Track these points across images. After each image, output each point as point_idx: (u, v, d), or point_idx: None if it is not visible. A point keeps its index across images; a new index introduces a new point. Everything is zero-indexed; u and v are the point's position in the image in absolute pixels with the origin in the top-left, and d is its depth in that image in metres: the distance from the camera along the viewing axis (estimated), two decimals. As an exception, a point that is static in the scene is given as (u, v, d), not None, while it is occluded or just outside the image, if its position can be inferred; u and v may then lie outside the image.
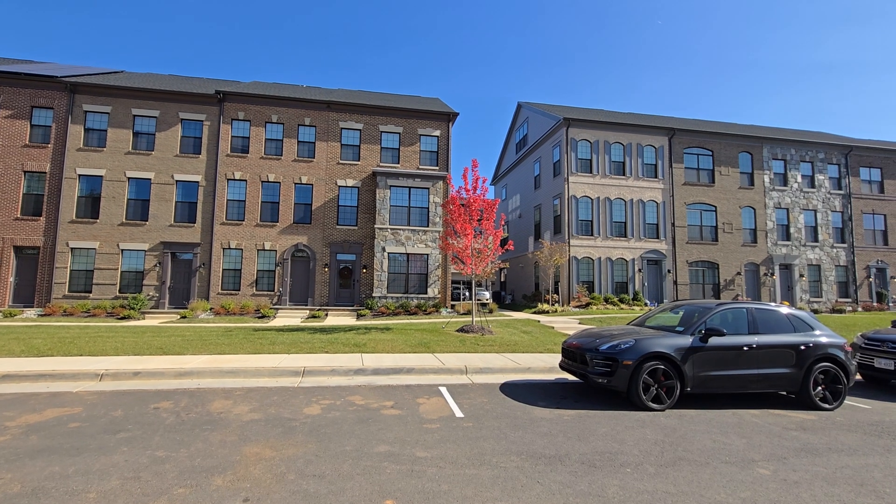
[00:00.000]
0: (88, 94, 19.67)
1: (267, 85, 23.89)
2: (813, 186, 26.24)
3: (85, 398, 6.20)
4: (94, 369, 7.33)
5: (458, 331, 13.04)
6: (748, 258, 24.86)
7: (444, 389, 7.20)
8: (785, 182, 25.94)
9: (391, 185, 20.95)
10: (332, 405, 6.13)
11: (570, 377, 8.25)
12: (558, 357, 9.80)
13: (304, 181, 21.00)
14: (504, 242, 13.13)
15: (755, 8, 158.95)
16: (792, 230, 25.59)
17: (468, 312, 19.57)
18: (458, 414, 5.87)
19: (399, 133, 22.06)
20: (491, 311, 20.07)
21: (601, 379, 6.43)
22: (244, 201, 20.47)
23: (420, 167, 22.00)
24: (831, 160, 26.68)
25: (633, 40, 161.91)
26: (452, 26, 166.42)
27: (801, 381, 6.71)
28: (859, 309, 24.96)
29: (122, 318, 17.02)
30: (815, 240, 25.90)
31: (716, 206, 24.85)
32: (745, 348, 6.61)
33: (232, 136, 20.70)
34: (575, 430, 5.31)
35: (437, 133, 22.39)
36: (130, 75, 23.37)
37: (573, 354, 7.13)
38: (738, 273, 24.56)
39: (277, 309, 19.34)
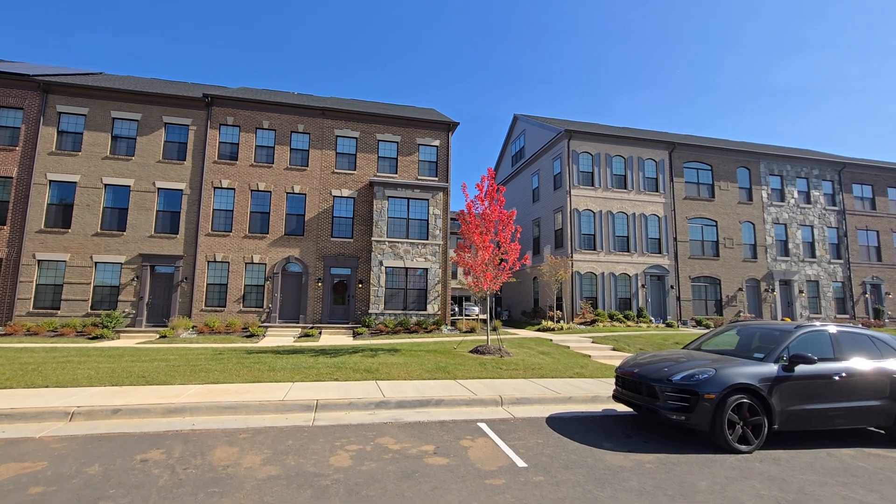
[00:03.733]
0: (63, 94, 18.24)
1: (257, 91, 22.79)
2: (809, 202, 26.30)
3: (51, 447, 4.95)
4: (62, 406, 6.06)
5: (472, 352, 12.00)
6: (749, 274, 24.58)
7: (485, 426, 6.16)
8: (782, 198, 25.93)
9: (389, 196, 19.96)
10: (363, 452, 5.03)
11: (620, 408, 7.32)
12: (592, 382, 8.90)
13: (296, 190, 19.82)
14: (521, 256, 12.23)
15: (714, 35, 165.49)
16: (790, 245, 25.50)
17: (471, 330, 18.54)
18: (520, 463, 4.84)
19: (397, 142, 21.17)
20: (495, 329, 19.06)
21: (677, 415, 5.50)
22: (232, 211, 19.15)
23: (419, 178, 21.09)
24: (825, 176, 26.85)
25: (602, 61, 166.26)
26: (439, 41, 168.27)
27: (894, 415, 5.91)
28: (859, 325, 24.82)
29: (95, 339, 15.40)
30: (813, 255, 25.85)
31: (716, 221, 24.59)
32: (836, 377, 5.78)
33: (220, 142, 19.45)
34: (671, 485, 4.35)
35: (437, 143, 21.58)
36: (110, 77, 21.98)
37: (635, 385, 6.20)
38: (740, 289, 24.21)
39: (267, 327, 17.95)
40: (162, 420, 6.01)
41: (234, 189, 19.26)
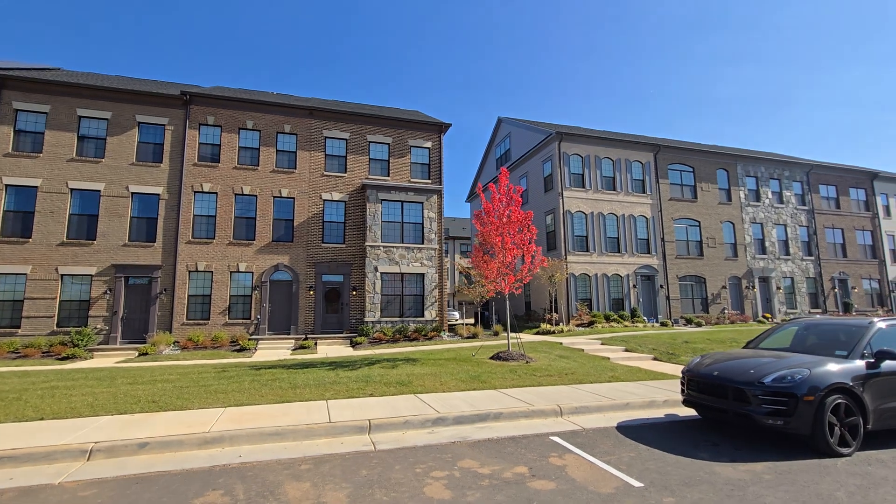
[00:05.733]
0: (21, 90, 16.53)
1: (237, 90, 21.54)
2: (782, 202, 27.46)
3: (80, 496, 4.07)
4: (76, 443, 5.10)
5: (493, 359, 11.49)
6: (731, 272, 25.32)
7: (560, 440, 5.68)
8: (758, 198, 26.94)
9: (383, 199, 19.23)
10: (454, 479, 4.42)
11: (682, 413, 7.01)
12: (636, 386, 8.58)
13: (284, 194, 18.77)
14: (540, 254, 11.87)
15: (666, 48, 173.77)
16: (767, 244, 26.48)
17: (473, 336, 18.05)
18: (634, 482, 4.37)
19: (388, 144, 20.49)
20: (497, 334, 18.67)
21: (773, 420, 5.18)
22: (214, 217, 17.88)
23: (411, 180, 20.47)
24: (795, 178, 28.14)
25: (568, 71, 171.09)
26: (414, 46, 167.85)
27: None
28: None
29: (65, 359, 13.86)
30: (787, 253, 26.96)
31: (699, 221, 25.22)
32: (921, 372, 5.65)
33: (200, 143, 18.17)
34: (810, 498, 4.00)
35: (429, 144, 21.05)
36: (71, 73, 20.17)
37: (715, 388, 5.87)
38: (724, 287, 24.89)
39: (257, 339, 16.79)
40: (201, 453, 5.17)
41: (216, 193, 18.00)
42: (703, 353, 7.22)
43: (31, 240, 15.87)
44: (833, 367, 5.39)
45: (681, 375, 6.65)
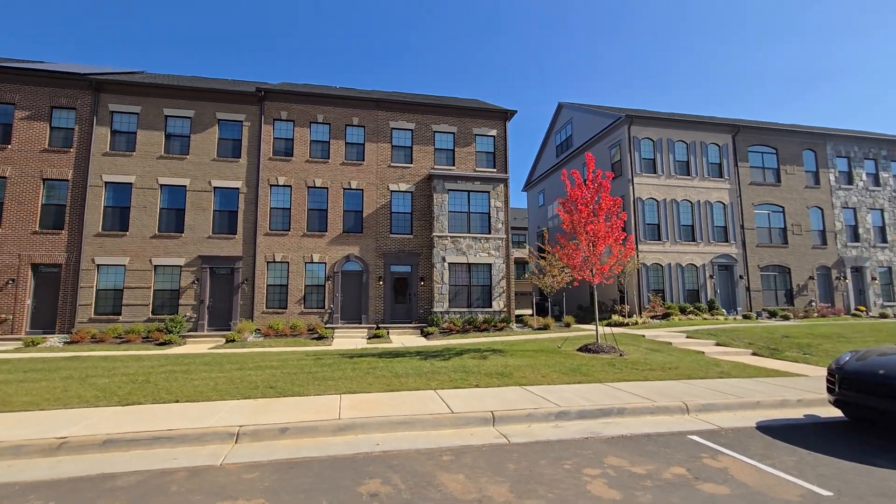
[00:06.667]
0: (115, 92, 17.66)
1: (304, 85, 22.04)
2: (878, 185, 24.95)
3: (245, 478, 4.18)
4: (221, 426, 5.30)
5: (581, 351, 11.13)
6: (819, 261, 23.34)
7: (703, 440, 5.30)
8: (850, 180, 24.62)
9: (449, 189, 19.12)
10: (612, 478, 4.18)
11: (823, 413, 6.42)
12: (752, 383, 7.96)
13: (353, 186, 19.07)
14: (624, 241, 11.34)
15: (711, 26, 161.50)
16: (860, 231, 24.19)
17: (544, 328, 17.68)
18: (820, 490, 3.95)
19: (453, 133, 20.31)
20: (568, 325, 18.21)
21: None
22: (289, 209, 18.46)
23: (477, 169, 20.23)
24: (894, 157, 25.45)
25: (635, 56, 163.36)
26: (467, 34, 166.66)
27: None
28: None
29: (163, 344, 14.81)
30: (884, 240, 24.52)
31: (783, 207, 23.38)
32: None
33: (274, 138, 18.76)
34: None
35: (494, 132, 20.68)
36: (155, 76, 21.36)
37: (884, 388, 5.27)
38: (811, 277, 23.01)
39: (332, 328, 17.24)
40: (337, 440, 5.22)
41: (290, 186, 18.56)
42: (853, 350, 6.54)
43: (127, 233, 17.02)
44: None
45: (827, 373, 6.06)
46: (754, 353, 12.04)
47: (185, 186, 17.68)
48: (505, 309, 19.08)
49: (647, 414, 6.30)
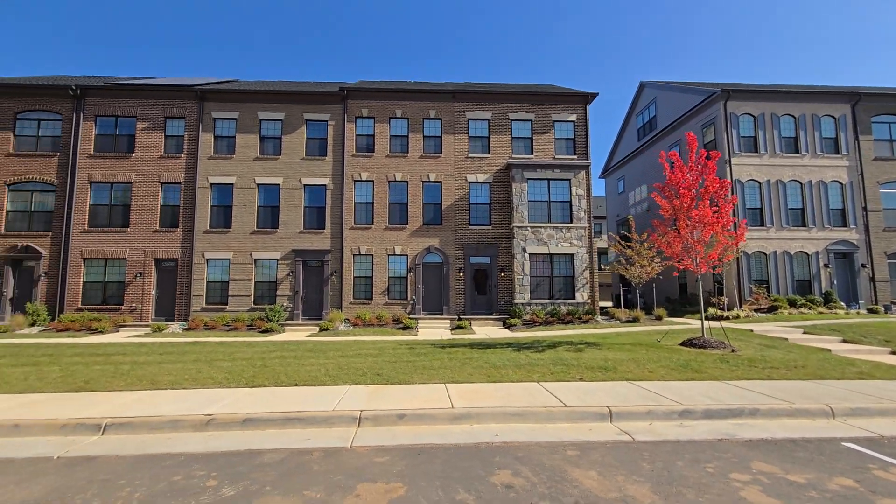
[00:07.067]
0: (216, 100, 19.24)
1: (381, 82, 22.61)
2: None
3: (376, 461, 4.33)
4: (344, 409, 5.56)
5: (684, 345, 10.41)
6: (966, 247, 19.92)
7: (863, 449, 4.69)
8: None
9: (528, 178, 18.71)
10: (767, 486, 3.80)
11: None
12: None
13: (431, 178, 19.30)
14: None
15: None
16: None
17: (633, 320, 16.81)
18: None
19: (531, 120, 19.80)
20: (659, 318, 17.17)
21: None
22: (372, 203, 19.11)
23: (556, 157, 19.59)
24: None
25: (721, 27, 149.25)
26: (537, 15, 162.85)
27: None
28: None
29: (265, 332, 16.02)
30: None
31: (918, 185, 20.20)
32: None
33: (356, 135, 19.46)
34: None
35: (573, 118, 19.88)
36: (246, 83, 22.98)
37: None
38: (956, 265, 19.72)
39: (416, 319, 17.63)
40: (455, 428, 5.27)
41: (372, 181, 19.18)
42: None
43: (230, 230, 18.56)
44: None
45: None
46: (893, 352, 10.53)
47: (279, 185, 18.90)
48: (589, 300, 18.39)
49: (784, 416, 5.70)
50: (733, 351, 9.62)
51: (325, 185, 19.02)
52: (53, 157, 18.42)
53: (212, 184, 18.79)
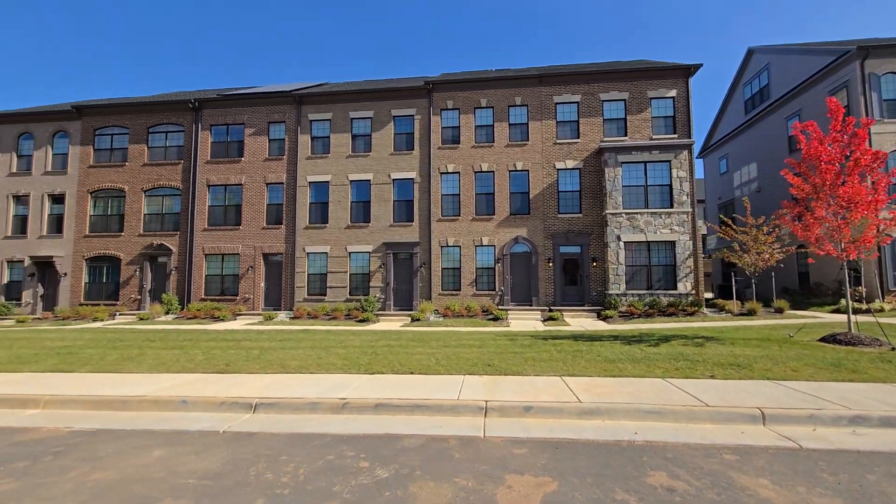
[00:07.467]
0: (312, 103, 20.39)
1: (464, 73, 22.55)
2: None
3: (514, 452, 4.23)
4: (469, 399, 5.57)
5: (824, 341, 9.17)
6: None
7: None
8: None
9: (622, 162, 17.62)
10: None
11: None
12: None
13: (518, 167, 18.91)
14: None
15: None
16: None
17: (748, 313, 15.28)
18: None
19: (624, 100, 18.60)
20: (780, 311, 15.41)
21: None
22: (458, 195, 19.19)
23: (653, 137, 18.24)
24: None
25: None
26: None
27: None
28: None
29: (362, 321, 16.81)
30: None
31: None
32: None
33: (442, 128, 19.62)
34: None
35: (672, 93, 18.34)
36: (337, 85, 24.13)
37: None
38: None
39: (506, 310, 17.48)
40: (585, 423, 5.04)
41: (458, 172, 19.25)
42: None
43: (327, 225, 19.67)
44: None
45: None
46: None
47: (370, 180, 19.64)
48: (693, 291, 16.98)
49: None
50: (893, 349, 8.27)
51: (412, 179, 19.43)
52: (178, 164, 20.74)
53: (310, 182, 20.01)
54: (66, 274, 20.73)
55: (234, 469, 3.97)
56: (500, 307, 18.02)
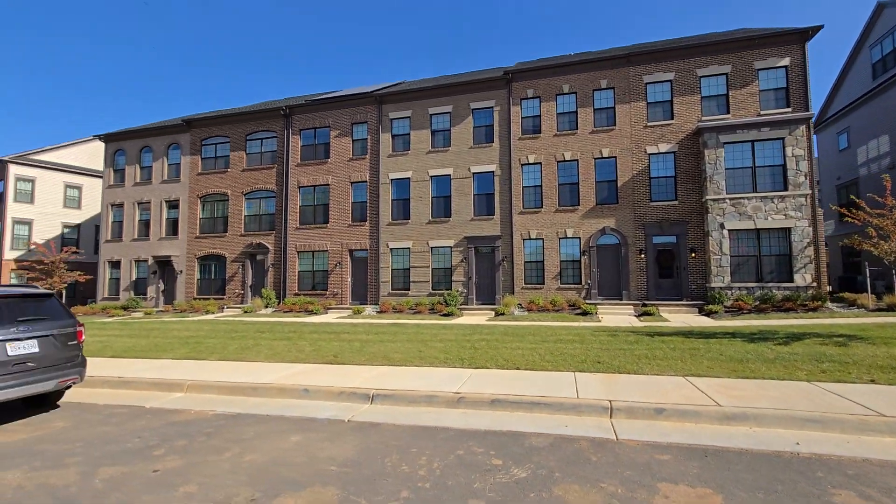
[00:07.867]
0: (392, 102, 20.84)
1: (544, 59, 21.83)
2: None
3: (658, 458, 3.88)
4: (590, 398, 5.28)
5: None
6: None
7: None
8: None
9: (725, 143, 16.04)
10: None
11: None
12: None
13: (604, 154, 17.93)
14: None
15: None
16: None
17: (890, 308, 13.24)
18: None
19: (726, 74, 16.91)
20: (932, 307, 13.18)
21: None
22: (540, 186, 18.63)
23: (761, 113, 16.41)
24: None
25: None
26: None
27: None
28: None
29: (445, 315, 16.92)
30: None
31: None
32: None
33: (522, 118, 19.14)
34: None
35: (785, 62, 16.34)
36: (414, 82, 24.46)
37: None
38: None
39: (595, 304, 16.70)
40: (729, 430, 4.53)
41: (540, 163, 18.68)
42: None
43: (409, 221, 20.06)
44: None
45: None
46: None
47: (450, 175, 19.70)
48: (814, 283, 15.07)
49: None
50: None
51: (492, 172, 19.18)
52: (272, 168, 22.24)
53: (391, 179, 20.51)
54: (181, 271, 23.15)
55: (369, 459, 4.03)
56: (587, 301, 17.25)
